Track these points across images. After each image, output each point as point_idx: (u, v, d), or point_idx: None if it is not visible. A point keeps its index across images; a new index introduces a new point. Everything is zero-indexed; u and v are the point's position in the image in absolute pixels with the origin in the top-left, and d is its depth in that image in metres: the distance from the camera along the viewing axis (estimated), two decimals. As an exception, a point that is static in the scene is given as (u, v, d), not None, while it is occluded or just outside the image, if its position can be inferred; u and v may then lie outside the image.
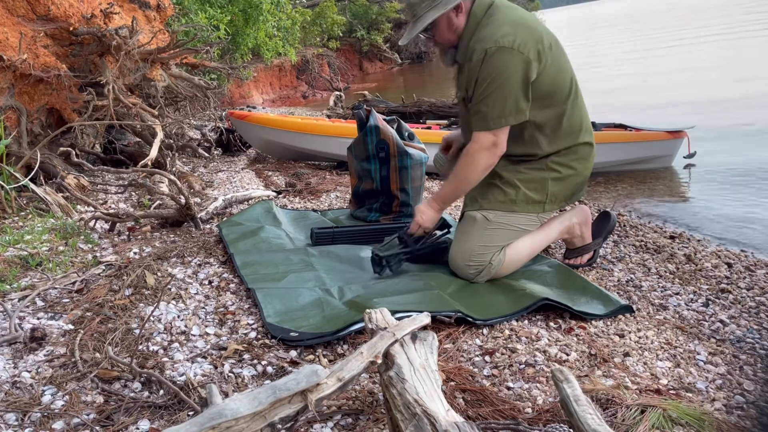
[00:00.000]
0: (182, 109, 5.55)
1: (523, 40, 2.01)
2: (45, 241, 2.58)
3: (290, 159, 4.94)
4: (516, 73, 2.01)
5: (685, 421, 1.32)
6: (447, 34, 2.15)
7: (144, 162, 3.65)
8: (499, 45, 2.00)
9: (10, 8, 3.64)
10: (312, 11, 14.35)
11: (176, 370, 1.61)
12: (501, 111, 2.04)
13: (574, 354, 1.69)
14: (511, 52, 2.00)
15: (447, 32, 2.15)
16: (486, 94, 2.04)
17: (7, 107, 3.52)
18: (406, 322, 1.39)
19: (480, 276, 2.16)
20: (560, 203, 2.24)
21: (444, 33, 2.15)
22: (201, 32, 7.07)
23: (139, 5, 4.72)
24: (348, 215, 3.14)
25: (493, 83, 2.02)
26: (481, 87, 2.05)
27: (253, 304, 2.02)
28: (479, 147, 2.09)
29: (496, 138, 2.07)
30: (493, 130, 2.06)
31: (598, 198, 3.88)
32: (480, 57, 2.03)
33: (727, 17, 18.14)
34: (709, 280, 2.23)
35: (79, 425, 1.37)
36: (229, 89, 9.73)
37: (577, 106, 2.20)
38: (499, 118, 2.04)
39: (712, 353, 1.71)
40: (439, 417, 1.08)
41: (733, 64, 9.20)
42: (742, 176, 4.06)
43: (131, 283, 2.11)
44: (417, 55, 19.00)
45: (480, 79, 2.04)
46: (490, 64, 2.01)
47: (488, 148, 2.08)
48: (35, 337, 1.72)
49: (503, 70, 2.00)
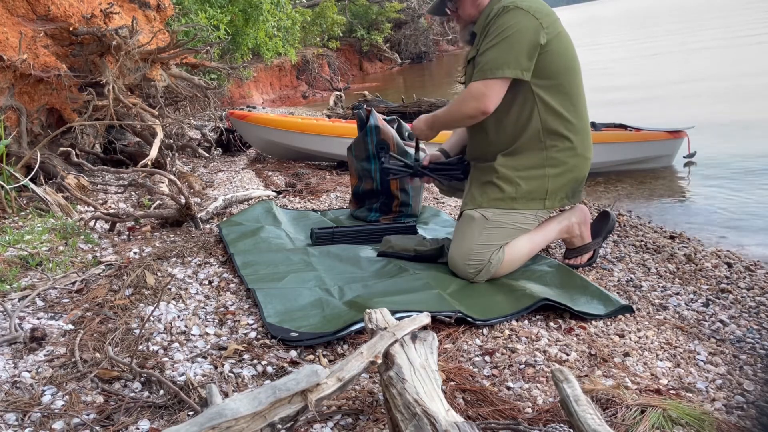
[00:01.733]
0: (182, 109, 5.55)
1: (538, 9, 2.11)
2: (45, 241, 2.58)
3: (290, 159, 4.94)
4: (525, 31, 2.07)
5: (685, 421, 1.32)
6: (470, 8, 2.27)
7: (144, 162, 3.65)
8: (516, 5, 2.10)
9: (10, 8, 3.64)
10: (312, 11, 14.36)
11: (176, 370, 1.61)
12: (500, 62, 2.08)
13: (574, 354, 1.69)
14: (526, 14, 2.09)
15: (470, 7, 2.27)
16: (491, 44, 2.10)
17: (7, 107, 3.52)
18: (406, 322, 1.39)
19: (479, 275, 2.16)
20: (560, 200, 2.24)
21: (467, 7, 2.27)
22: (201, 32, 7.07)
23: (139, 5, 4.72)
24: (348, 215, 3.14)
25: (501, 35, 2.08)
26: (489, 38, 2.12)
27: (253, 304, 2.02)
28: (467, 93, 2.16)
29: (485, 89, 2.10)
30: (486, 80, 2.09)
31: (598, 198, 3.88)
32: (496, 12, 2.12)
33: (727, 17, 18.13)
34: (709, 280, 2.23)
35: (79, 425, 1.37)
36: (229, 89, 9.74)
37: (580, 97, 2.22)
38: (495, 69, 2.08)
39: (712, 353, 1.71)
40: (439, 417, 1.08)
41: (733, 64, 9.19)
42: (743, 176, 4.06)
43: (131, 283, 2.11)
44: (417, 55, 19.00)
45: (490, 31, 2.12)
46: (502, 18, 2.10)
47: (476, 96, 2.12)
48: (35, 337, 1.72)
49: (513, 25, 2.08)
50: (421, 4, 18.15)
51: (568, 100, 2.17)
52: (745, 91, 6.98)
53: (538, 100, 2.14)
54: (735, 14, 18.88)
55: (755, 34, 12.76)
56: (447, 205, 3.46)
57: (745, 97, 6.62)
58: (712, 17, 19.38)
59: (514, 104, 2.16)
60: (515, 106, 2.16)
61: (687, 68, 9.49)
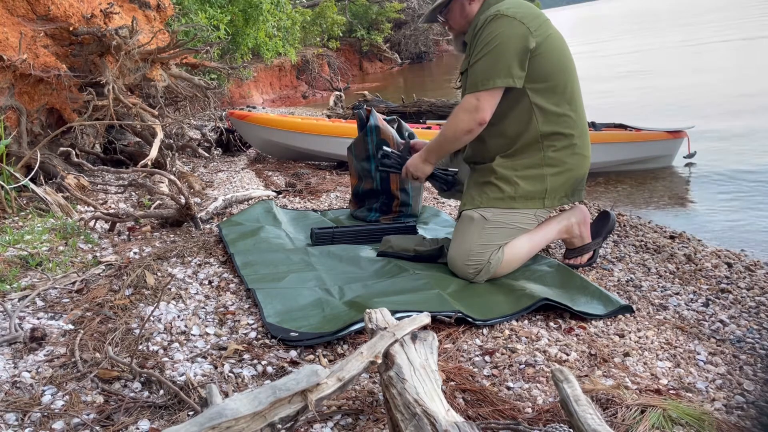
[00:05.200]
0: (182, 109, 5.55)
1: (524, 15, 2.09)
2: (45, 241, 2.58)
3: (290, 159, 4.94)
4: (513, 39, 2.06)
5: (685, 421, 1.32)
6: (459, 19, 2.28)
7: (144, 162, 3.65)
8: (502, 13, 2.09)
9: (10, 8, 3.64)
10: (312, 11, 14.36)
11: (176, 370, 1.61)
12: (490, 73, 2.07)
13: (574, 354, 1.69)
14: (512, 21, 2.07)
15: (459, 17, 2.28)
16: (480, 55, 2.10)
17: (7, 107, 3.52)
18: (406, 322, 1.39)
19: (479, 275, 2.16)
20: (560, 200, 2.24)
21: (457, 18, 2.28)
22: (201, 32, 7.07)
23: (139, 5, 4.72)
24: (348, 215, 3.14)
25: (489, 45, 2.08)
26: (478, 49, 2.11)
27: (253, 304, 2.02)
28: (460, 108, 2.15)
29: (478, 102, 2.09)
30: (477, 93, 2.09)
31: (598, 198, 3.88)
32: (481, 24, 2.11)
33: (726, 18, 18.13)
34: (709, 280, 2.23)
35: (79, 425, 1.37)
36: (229, 89, 9.74)
37: (576, 96, 2.22)
38: (486, 80, 2.07)
39: (712, 353, 1.71)
40: (439, 417, 1.08)
41: (733, 64, 9.19)
42: (743, 176, 4.06)
43: (131, 283, 2.11)
44: (417, 55, 19.00)
45: (477, 43, 2.11)
46: (489, 28, 2.09)
47: (469, 110, 2.11)
48: (35, 337, 1.72)
49: (500, 34, 2.06)
50: (421, 4, 18.15)
51: (564, 100, 2.17)
52: (746, 91, 6.98)
53: (534, 103, 2.13)
54: (734, 15, 18.87)
55: (758, 35, 12.76)
56: (447, 206, 3.46)
57: (746, 97, 6.62)
58: (712, 17, 19.38)
59: (510, 111, 2.15)
60: (512, 112, 2.15)
61: (687, 68, 9.49)
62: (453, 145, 2.28)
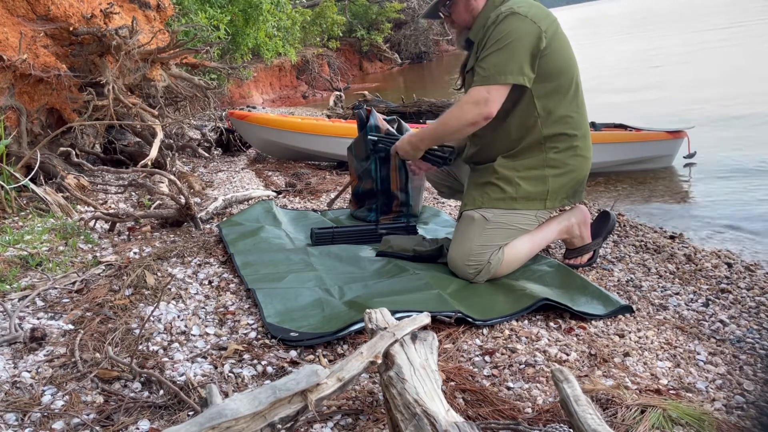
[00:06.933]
0: (182, 109, 5.55)
1: (537, 14, 2.07)
2: (45, 241, 2.58)
3: (290, 159, 4.94)
4: (526, 38, 2.04)
5: (685, 421, 1.32)
6: (463, 14, 2.23)
7: (144, 162, 3.65)
8: (514, 11, 2.06)
9: (10, 8, 3.64)
10: (312, 11, 14.35)
11: (176, 370, 1.61)
12: (503, 68, 2.04)
13: (574, 354, 1.69)
14: (525, 19, 2.05)
15: (464, 12, 2.23)
16: (492, 51, 2.06)
17: (7, 107, 3.52)
18: (406, 322, 1.39)
19: (479, 276, 2.16)
20: (561, 200, 2.24)
21: (461, 13, 2.24)
22: (201, 32, 7.07)
23: (139, 5, 4.72)
24: (348, 215, 3.14)
25: (502, 41, 2.04)
26: (490, 44, 2.07)
27: (253, 304, 2.02)
28: (469, 99, 2.09)
29: (488, 95, 2.06)
30: (488, 86, 2.06)
31: (598, 198, 3.88)
32: (493, 20, 2.08)
33: (727, 18, 18.13)
34: (709, 280, 2.23)
35: (79, 425, 1.37)
36: (229, 89, 9.74)
37: (579, 97, 2.21)
38: (499, 74, 2.04)
39: (712, 353, 1.71)
40: (439, 417, 1.08)
41: (733, 64, 9.19)
42: (742, 176, 4.06)
43: (131, 283, 2.11)
44: (417, 55, 18.99)
45: (489, 38, 2.08)
46: (502, 26, 2.06)
47: (477, 102, 2.07)
48: (35, 337, 1.72)
49: (514, 32, 2.04)
50: (421, 4, 18.14)
51: (567, 101, 2.16)
52: (746, 90, 6.98)
53: (539, 104, 2.13)
54: (736, 14, 18.88)
55: (759, 34, 12.76)
56: (447, 205, 3.46)
57: (746, 97, 6.62)
58: (712, 17, 19.38)
59: (514, 110, 2.15)
60: (516, 111, 2.15)
61: (687, 67, 9.49)
62: (451, 136, 2.24)
